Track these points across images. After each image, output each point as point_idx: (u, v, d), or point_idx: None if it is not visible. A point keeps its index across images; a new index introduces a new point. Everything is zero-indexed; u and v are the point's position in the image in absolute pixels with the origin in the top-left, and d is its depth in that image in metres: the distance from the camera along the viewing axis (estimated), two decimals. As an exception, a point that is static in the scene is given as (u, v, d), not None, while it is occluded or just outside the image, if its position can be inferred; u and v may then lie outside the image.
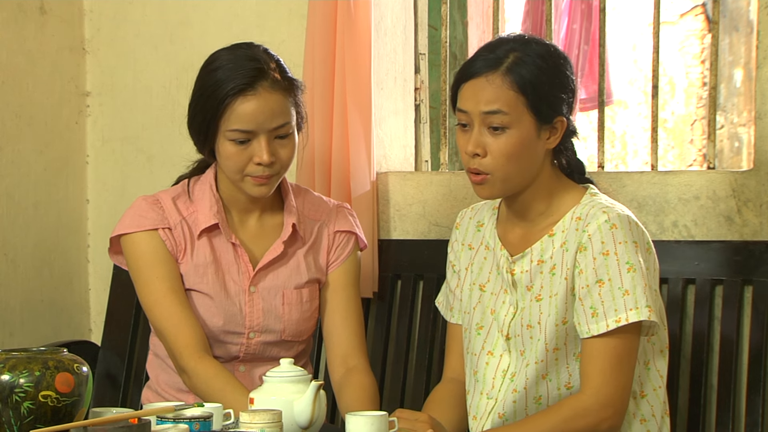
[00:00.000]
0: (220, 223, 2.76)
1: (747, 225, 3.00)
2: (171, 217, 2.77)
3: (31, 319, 3.51)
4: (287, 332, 2.80)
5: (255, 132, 2.66)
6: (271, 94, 2.66)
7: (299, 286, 2.81)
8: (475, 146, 2.47)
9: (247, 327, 2.78)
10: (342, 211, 2.90)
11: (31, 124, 3.52)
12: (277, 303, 2.79)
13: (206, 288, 2.76)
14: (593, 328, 2.42)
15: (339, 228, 2.87)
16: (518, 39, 2.52)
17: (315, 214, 2.87)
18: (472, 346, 2.59)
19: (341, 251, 2.87)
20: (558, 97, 2.48)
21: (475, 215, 2.69)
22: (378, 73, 3.37)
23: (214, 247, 2.78)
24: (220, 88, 2.65)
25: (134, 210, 2.79)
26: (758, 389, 2.88)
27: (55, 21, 3.60)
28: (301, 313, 2.81)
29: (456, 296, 2.69)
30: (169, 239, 2.76)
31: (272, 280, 2.79)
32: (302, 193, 2.89)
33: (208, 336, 2.75)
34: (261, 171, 2.67)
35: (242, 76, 2.65)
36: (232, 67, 2.67)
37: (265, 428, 2.22)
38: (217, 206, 2.77)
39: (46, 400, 2.16)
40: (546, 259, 2.51)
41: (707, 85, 5.52)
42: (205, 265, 2.77)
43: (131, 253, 2.77)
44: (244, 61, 2.68)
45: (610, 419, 2.42)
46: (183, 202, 2.80)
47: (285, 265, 2.81)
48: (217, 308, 2.76)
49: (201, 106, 2.70)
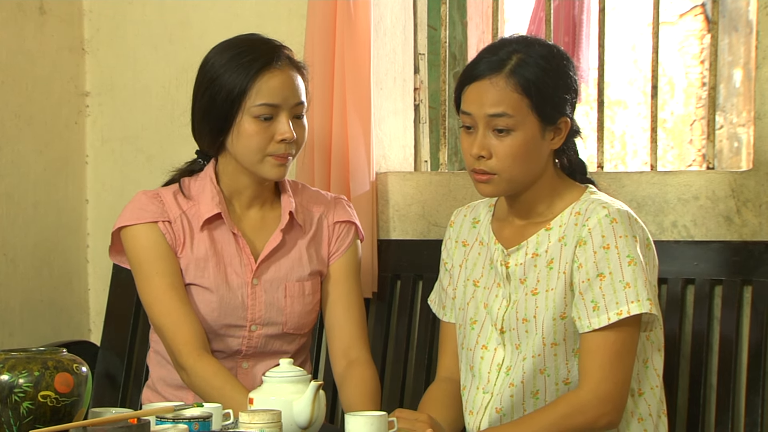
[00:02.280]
0: (222, 213, 2.77)
1: (746, 225, 3.00)
2: (171, 210, 2.77)
3: (30, 319, 3.51)
4: (289, 325, 2.80)
5: (280, 107, 2.71)
6: (290, 72, 2.75)
7: (301, 279, 2.82)
8: (480, 149, 2.47)
9: (249, 320, 2.78)
10: (340, 202, 2.92)
11: (30, 124, 3.52)
12: (279, 296, 2.80)
13: (207, 282, 2.76)
14: (594, 322, 2.42)
15: (338, 219, 2.88)
16: (521, 40, 2.52)
17: (314, 206, 2.88)
18: (467, 341, 2.60)
19: (342, 242, 2.88)
20: (562, 98, 2.49)
21: (471, 212, 2.70)
22: (377, 73, 3.37)
23: (215, 239, 2.78)
24: (245, 66, 2.70)
25: (134, 203, 2.79)
26: (757, 389, 2.88)
27: (54, 21, 3.60)
28: (303, 306, 2.82)
29: (448, 294, 2.69)
30: (169, 232, 2.76)
31: (275, 272, 2.80)
32: (300, 187, 2.91)
33: (209, 330, 2.75)
34: (283, 149, 2.71)
35: (265, 53, 2.72)
36: (249, 48, 2.74)
37: (265, 428, 2.22)
38: (219, 197, 2.78)
39: (45, 401, 2.16)
40: (541, 253, 2.51)
41: (706, 86, 5.53)
42: (206, 259, 2.77)
43: (132, 247, 2.77)
44: (258, 43, 2.76)
45: (609, 415, 2.42)
46: (181, 198, 2.81)
47: (287, 257, 2.81)
48: (219, 301, 2.76)
49: (220, 90, 2.72)
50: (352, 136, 3.24)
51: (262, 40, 2.78)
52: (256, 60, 2.71)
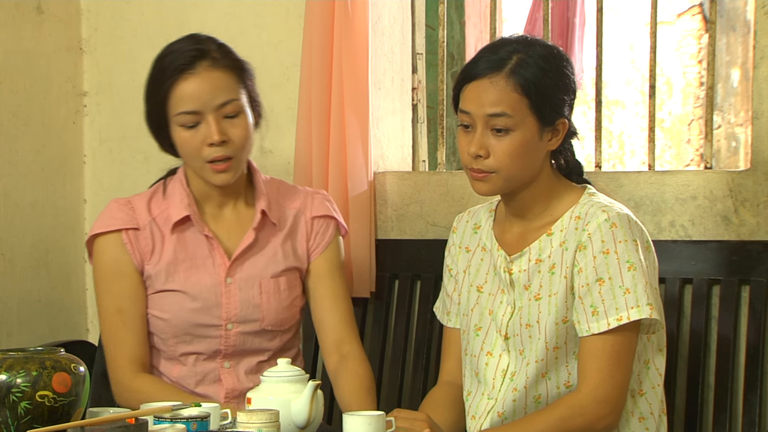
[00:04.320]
0: (191, 216, 2.77)
1: (744, 225, 3.00)
2: (141, 217, 2.79)
3: (28, 319, 3.51)
4: (266, 322, 2.79)
5: (201, 112, 2.68)
6: (211, 73, 2.69)
7: (276, 275, 2.81)
8: (478, 147, 2.47)
9: (224, 318, 2.78)
10: (317, 197, 2.90)
11: (28, 124, 3.52)
12: (255, 292, 2.79)
13: (177, 285, 2.77)
14: (593, 327, 2.42)
15: (315, 213, 2.87)
16: (521, 40, 2.52)
17: (291, 203, 2.86)
18: (471, 348, 2.59)
19: (321, 237, 2.87)
20: (560, 99, 2.49)
21: (472, 218, 2.69)
22: (375, 73, 3.37)
23: (186, 241, 2.79)
24: (163, 75, 2.70)
25: (105, 212, 2.84)
26: (755, 389, 2.88)
27: (52, 21, 3.60)
28: (280, 302, 2.81)
29: (453, 300, 2.69)
30: (132, 242, 2.78)
31: (248, 269, 2.79)
32: (277, 183, 2.89)
33: (185, 332, 2.78)
34: (215, 153, 2.68)
35: (182, 59, 2.69)
36: (172, 54, 2.72)
37: (263, 428, 2.22)
38: (188, 200, 2.78)
39: (43, 400, 2.16)
40: (544, 258, 2.51)
41: (704, 85, 5.53)
42: (176, 262, 2.78)
43: (96, 260, 2.84)
44: (184, 46, 2.72)
45: (607, 417, 2.42)
46: (157, 201, 2.82)
47: (261, 254, 2.81)
48: (191, 303, 2.77)
49: (150, 99, 2.74)
50: (350, 135, 3.24)
51: (190, 43, 2.73)
52: (171, 68, 2.69)
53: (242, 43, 3.51)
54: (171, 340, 2.80)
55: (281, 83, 3.47)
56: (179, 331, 2.78)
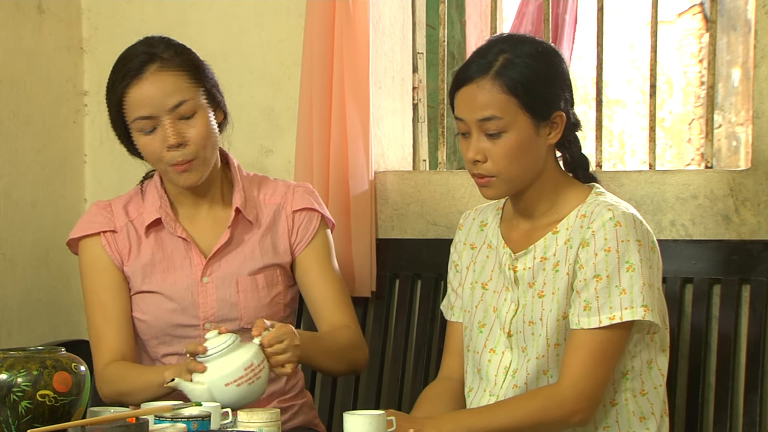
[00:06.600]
0: (162, 218, 2.77)
1: (744, 224, 3.00)
2: (118, 220, 2.80)
3: (28, 318, 3.51)
4: (245, 320, 2.76)
5: (156, 116, 2.67)
6: (159, 75, 2.67)
7: (254, 272, 2.79)
8: (476, 153, 2.47)
9: (202, 318, 2.77)
10: (298, 190, 2.86)
11: (28, 124, 3.52)
12: (232, 291, 2.77)
13: (154, 286, 2.77)
14: (584, 321, 2.43)
15: (296, 207, 2.84)
16: (508, 39, 2.52)
17: (271, 198, 2.84)
18: (474, 344, 2.60)
19: (304, 231, 2.84)
20: (552, 93, 2.48)
21: (479, 216, 2.70)
22: (376, 73, 3.37)
23: (163, 243, 2.79)
24: (115, 83, 2.70)
25: (85, 216, 2.86)
26: (756, 388, 2.88)
27: (52, 20, 3.60)
28: (258, 300, 2.78)
29: (458, 294, 2.69)
30: (110, 244, 2.79)
31: (225, 268, 2.78)
32: (258, 180, 2.88)
33: (164, 333, 2.78)
34: (176, 156, 2.68)
35: (130, 65, 2.68)
36: (122, 60, 2.71)
37: (263, 428, 2.22)
38: (161, 201, 2.78)
39: (43, 400, 2.16)
40: (549, 256, 2.51)
41: (705, 85, 5.53)
42: (152, 264, 2.78)
43: (80, 263, 2.85)
44: (133, 52, 2.71)
45: (583, 412, 2.43)
46: (135, 203, 2.83)
47: (237, 252, 2.79)
48: (168, 303, 2.76)
49: (109, 107, 2.74)
50: (351, 135, 3.24)
51: (133, 50, 2.72)
52: (121, 74, 2.69)
53: (243, 42, 3.52)
54: (152, 342, 2.79)
55: (282, 83, 3.47)
56: (158, 332, 2.78)
